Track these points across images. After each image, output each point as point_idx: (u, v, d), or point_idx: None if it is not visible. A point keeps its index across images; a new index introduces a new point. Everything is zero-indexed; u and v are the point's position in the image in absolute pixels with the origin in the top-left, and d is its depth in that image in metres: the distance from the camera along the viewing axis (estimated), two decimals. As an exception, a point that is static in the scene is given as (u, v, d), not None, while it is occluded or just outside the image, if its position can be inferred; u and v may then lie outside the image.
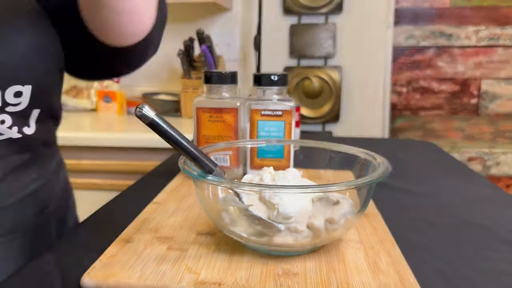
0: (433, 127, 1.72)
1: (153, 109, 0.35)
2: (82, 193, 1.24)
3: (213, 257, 0.39)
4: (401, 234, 0.47)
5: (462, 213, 0.55)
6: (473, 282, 0.38)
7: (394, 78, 1.69)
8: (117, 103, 1.53)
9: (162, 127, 0.36)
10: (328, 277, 0.36)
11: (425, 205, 0.58)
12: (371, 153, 0.46)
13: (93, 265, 0.37)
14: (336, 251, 0.41)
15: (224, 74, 0.64)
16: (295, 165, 0.60)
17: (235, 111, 0.63)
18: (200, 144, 0.65)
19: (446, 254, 0.43)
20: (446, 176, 0.73)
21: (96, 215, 0.53)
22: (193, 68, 1.50)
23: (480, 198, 0.62)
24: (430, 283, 0.37)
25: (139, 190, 0.64)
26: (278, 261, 0.39)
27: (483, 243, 0.46)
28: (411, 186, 0.67)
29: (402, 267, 0.38)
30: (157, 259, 0.39)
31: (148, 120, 0.35)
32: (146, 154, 1.19)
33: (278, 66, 1.66)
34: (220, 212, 0.41)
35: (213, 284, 0.35)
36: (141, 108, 0.34)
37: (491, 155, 1.71)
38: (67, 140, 1.20)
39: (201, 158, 0.38)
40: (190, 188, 0.60)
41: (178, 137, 0.37)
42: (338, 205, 0.39)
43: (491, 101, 1.68)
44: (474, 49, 1.65)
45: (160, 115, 0.36)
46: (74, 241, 0.45)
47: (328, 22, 1.61)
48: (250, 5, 1.63)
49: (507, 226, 0.51)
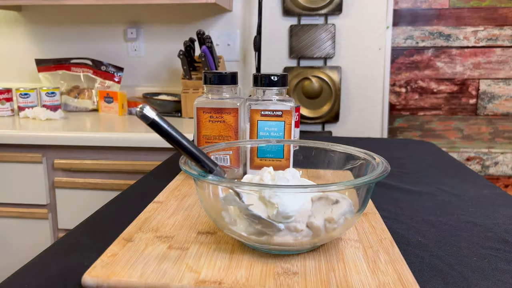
0: (432, 127, 1.73)
1: (153, 110, 0.36)
2: (83, 193, 1.25)
3: (213, 256, 0.39)
4: (400, 233, 0.48)
5: (461, 213, 0.55)
6: (471, 281, 0.38)
7: (393, 78, 1.69)
8: (118, 103, 1.54)
9: (163, 127, 0.36)
10: (328, 276, 0.36)
11: (424, 205, 0.59)
12: (370, 153, 0.46)
13: (94, 264, 0.38)
14: (335, 250, 0.41)
15: (224, 75, 0.64)
16: (295, 165, 0.60)
17: (235, 111, 0.63)
18: (200, 144, 0.65)
19: (445, 253, 0.43)
20: (445, 176, 0.74)
21: (96, 215, 0.54)
22: (194, 68, 1.51)
23: (478, 198, 0.62)
24: (429, 281, 0.38)
25: (140, 189, 0.64)
26: (278, 260, 0.39)
27: (481, 242, 0.46)
28: (410, 186, 0.67)
29: (400, 266, 0.38)
30: (158, 258, 0.39)
31: (149, 121, 0.35)
32: (147, 154, 1.19)
33: (278, 66, 1.66)
34: (220, 212, 0.41)
35: (214, 282, 0.35)
36: (141, 109, 0.35)
37: (490, 155, 1.71)
38: (69, 140, 1.20)
39: (202, 157, 0.38)
40: (190, 188, 0.60)
41: (179, 137, 0.37)
42: (337, 204, 0.40)
43: (490, 101, 1.68)
44: (472, 50, 1.65)
45: (160, 115, 0.36)
46: (74, 241, 0.45)
47: (327, 23, 1.61)
48: (250, 6, 1.63)
49: (504, 226, 0.51)
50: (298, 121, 0.86)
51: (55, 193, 1.26)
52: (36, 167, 1.23)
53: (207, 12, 1.65)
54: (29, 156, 1.22)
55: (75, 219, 1.25)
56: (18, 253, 1.30)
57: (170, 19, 1.67)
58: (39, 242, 1.28)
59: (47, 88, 1.51)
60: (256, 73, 0.65)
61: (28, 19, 1.72)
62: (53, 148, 1.23)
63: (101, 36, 1.71)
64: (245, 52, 1.67)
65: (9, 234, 1.28)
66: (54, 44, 1.73)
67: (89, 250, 0.42)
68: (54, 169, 1.24)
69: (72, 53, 1.72)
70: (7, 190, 1.25)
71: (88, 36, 1.71)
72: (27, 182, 1.24)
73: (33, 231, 1.28)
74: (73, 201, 1.25)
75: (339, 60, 1.63)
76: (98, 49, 1.71)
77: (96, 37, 1.71)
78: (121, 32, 1.69)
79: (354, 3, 1.59)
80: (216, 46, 1.65)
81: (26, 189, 1.25)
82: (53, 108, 1.50)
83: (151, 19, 1.67)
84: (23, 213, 1.27)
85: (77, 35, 1.72)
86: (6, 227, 1.28)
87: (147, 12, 1.67)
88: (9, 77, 1.78)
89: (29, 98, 1.49)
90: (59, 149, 1.23)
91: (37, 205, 1.27)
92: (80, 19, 1.70)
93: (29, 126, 1.30)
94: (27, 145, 1.23)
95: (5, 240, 1.29)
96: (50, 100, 1.50)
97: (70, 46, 1.73)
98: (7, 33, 1.74)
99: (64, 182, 1.24)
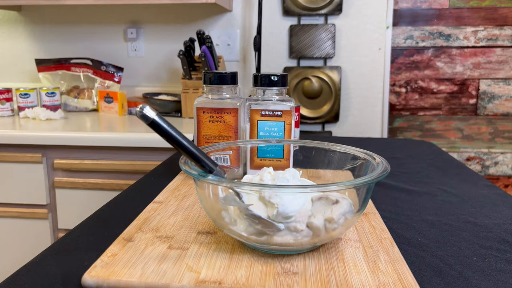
0: (432, 127, 1.73)
1: (153, 110, 0.36)
2: (83, 193, 1.25)
3: (213, 256, 0.39)
4: (400, 233, 0.48)
5: (461, 213, 0.55)
6: (471, 281, 0.38)
7: (393, 78, 1.69)
8: (118, 103, 1.54)
9: (163, 127, 0.36)
10: (328, 276, 0.36)
11: (424, 205, 0.59)
12: (370, 153, 0.46)
13: (94, 264, 0.38)
14: (335, 250, 0.41)
15: (224, 75, 0.64)
16: (295, 165, 0.60)
17: (235, 111, 0.63)
18: (200, 144, 0.65)
19: (444, 253, 0.43)
20: (445, 176, 0.74)
21: (96, 215, 0.54)
22: (194, 68, 1.51)
23: (478, 198, 0.62)
24: (428, 281, 0.38)
25: (140, 189, 0.64)
26: (278, 260, 0.39)
27: (481, 242, 0.46)
28: (410, 186, 0.67)
29: (400, 265, 0.38)
30: (158, 258, 0.39)
31: (149, 121, 0.35)
32: (146, 154, 1.19)
33: (278, 66, 1.66)
34: (220, 212, 0.41)
35: (214, 282, 0.35)
36: (141, 109, 0.35)
37: (490, 155, 1.71)
38: (68, 140, 1.20)
39: (202, 157, 0.38)
40: (190, 188, 0.60)
41: (179, 137, 0.37)
42: (337, 204, 0.40)
43: (490, 101, 1.68)
44: (472, 50, 1.65)
45: (160, 115, 0.36)
46: (74, 241, 0.45)
47: (327, 23, 1.61)
48: (250, 6, 1.63)
49: (504, 226, 0.51)
50: (298, 121, 0.86)
51: (55, 193, 1.26)
52: (36, 167, 1.23)
53: (207, 12, 1.65)
54: (29, 156, 1.22)
55: (75, 219, 1.25)
56: (18, 253, 1.30)
57: (170, 19, 1.67)
58: (39, 242, 1.28)
59: (47, 88, 1.51)
60: (256, 73, 0.65)
61: (28, 19, 1.72)
62: (53, 148, 1.23)
63: (101, 36, 1.71)
64: (245, 52, 1.67)
65: (9, 234, 1.28)
66: (54, 44, 1.73)
67: (89, 250, 0.42)
68: (54, 169, 1.24)
69: (72, 53, 1.72)
70: (7, 190, 1.25)
71: (88, 36, 1.71)
72: (27, 182, 1.24)
73: (33, 231, 1.28)
74: (73, 201, 1.25)
75: (339, 60, 1.64)
76: (98, 49, 1.71)
77: (96, 37, 1.71)
78: (121, 32, 1.69)
79: (354, 3, 1.59)
80: (216, 46, 1.65)
81: (26, 189, 1.25)
82: (53, 108, 1.50)
83: (151, 19, 1.67)
84: (23, 213, 1.27)
85: (77, 35, 1.72)
86: (6, 227, 1.28)
87: (147, 12, 1.67)
88: (9, 77, 1.78)
89: (29, 98, 1.49)
90: (59, 149, 1.23)
91: (37, 205, 1.27)
92: (80, 19, 1.70)
93: (29, 126, 1.30)
94: (27, 145, 1.23)
95: (5, 240, 1.29)
96: (50, 100, 1.50)
97: (70, 46, 1.73)
98: (7, 33, 1.74)
99: (64, 182, 1.24)
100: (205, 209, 0.43)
